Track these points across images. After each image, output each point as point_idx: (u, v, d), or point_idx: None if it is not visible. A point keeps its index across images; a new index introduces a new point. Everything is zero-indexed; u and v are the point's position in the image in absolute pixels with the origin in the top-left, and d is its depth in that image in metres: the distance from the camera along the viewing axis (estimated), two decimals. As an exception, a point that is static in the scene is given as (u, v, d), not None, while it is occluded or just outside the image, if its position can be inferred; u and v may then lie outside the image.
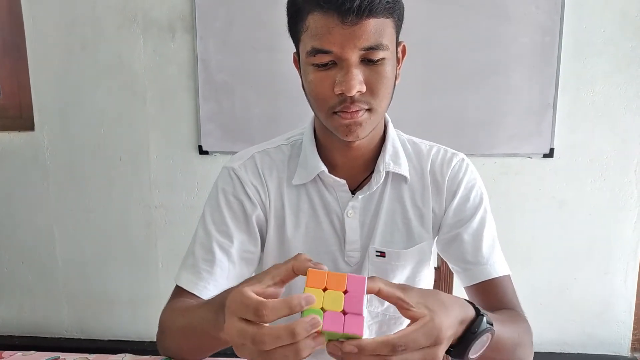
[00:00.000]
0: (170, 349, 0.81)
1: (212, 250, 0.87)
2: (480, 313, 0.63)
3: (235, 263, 0.88)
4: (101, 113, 2.15)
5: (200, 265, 0.86)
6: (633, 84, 1.98)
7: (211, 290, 0.85)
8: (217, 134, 2.11)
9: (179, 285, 0.86)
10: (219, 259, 0.86)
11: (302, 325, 0.48)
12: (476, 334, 0.61)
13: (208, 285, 0.85)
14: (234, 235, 0.88)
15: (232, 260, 0.88)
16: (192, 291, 0.84)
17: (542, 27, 1.94)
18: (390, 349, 0.51)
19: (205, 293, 0.84)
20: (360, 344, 0.50)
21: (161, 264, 2.26)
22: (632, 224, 2.10)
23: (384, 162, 0.89)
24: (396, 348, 0.51)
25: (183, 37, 2.06)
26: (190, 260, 0.88)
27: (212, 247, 0.87)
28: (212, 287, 0.85)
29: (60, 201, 2.25)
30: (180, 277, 0.87)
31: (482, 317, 0.62)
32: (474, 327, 0.62)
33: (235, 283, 0.89)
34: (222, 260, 0.87)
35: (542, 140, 2.03)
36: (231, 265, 0.88)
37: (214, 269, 0.86)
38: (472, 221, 0.90)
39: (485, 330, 0.62)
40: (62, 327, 2.37)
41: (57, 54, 2.12)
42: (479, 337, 0.61)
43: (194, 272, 0.86)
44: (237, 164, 0.92)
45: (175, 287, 0.87)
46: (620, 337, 2.19)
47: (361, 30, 0.72)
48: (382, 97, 0.78)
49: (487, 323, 0.63)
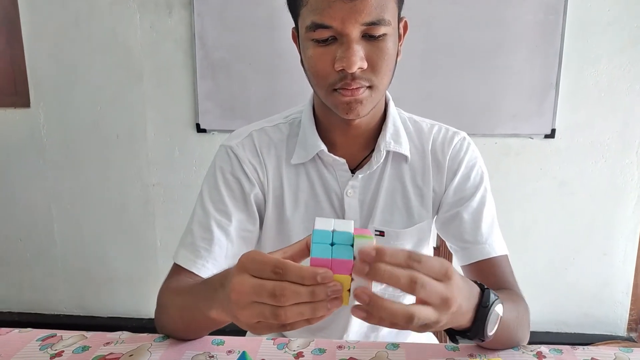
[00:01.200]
0: (167, 326, 0.80)
1: (210, 228, 0.86)
2: (485, 288, 0.63)
3: (234, 242, 0.87)
4: (97, 90, 2.12)
5: (199, 244, 0.85)
6: (637, 64, 1.96)
7: (209, 268, 0.84)
8: (215, 112, 2.08)
9: (177, 263, 0.85)
10: (217, 238, 0.85)
11: (323, 290, 0.49)
12: (489, 307, 0.61)
13: (206, 264, 0.84)
14: (232, 214, 0.87)
15: (231, 238, 0.87)
16: (191, 269, 0.84)
17: (546, 5, 1.90)
18: (407, 255, 0.52)
19: (204, 271, 0.84)
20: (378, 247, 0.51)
21: (159, 242, 2.26)
22: (632, 206, 2.09)
23: (385, 141, 0.88)
24: (412, 258, 0.52)
25: (180, 13, 2.02)
26: (189, 238, 0.87)
27: (211, 226, 0.86)
28: (211, 266, 0.84)
29: (58, 179, 2.23)
30: (178, 255, 0.86)
31: (488, 291, 0.63)
32: (484, 301, 0.62)
33: (234, 262, 0.88)
34: (221, 239, 0.86)
35: (543, 120, 2.01)
36: (229, 243, 0.87)
37: (213, 247, 0.85)
38: (472, 200, 0.90)
39: (495, 302, 0.63)
40: (61, 304, 2.38)
41: (51, 29, 2.08)
42: (492, 310, 0.62)
43: (192, 250, 0.85)
44: (235, 142, 0.91)
45: (173, 265, 0.87)
46: (617, 317, 2.21)
47: (362, 4, 0.70)
48: (384, 74, 0.77)
49: (494, 295, 0.63)
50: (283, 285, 0.49)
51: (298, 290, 0.49)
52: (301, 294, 0.49)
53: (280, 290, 0.49)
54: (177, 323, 0.78)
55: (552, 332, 2.22)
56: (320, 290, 0.49)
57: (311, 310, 0.50)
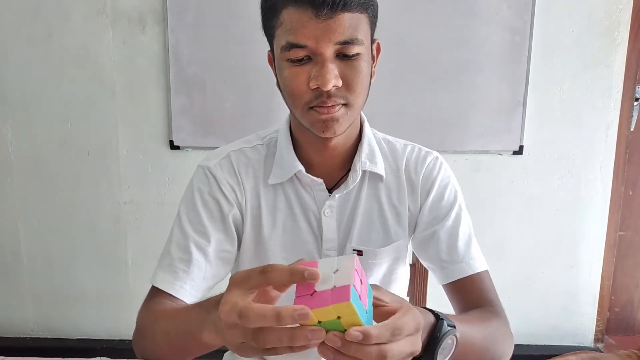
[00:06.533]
0: (149, 351, 0.79)
1: (188, 249, 0.85)
2: (440, 318, 0.64)
3: (212, 262, 0.87)
4: (68, 106, 2.09)
5: (177, 265, 0.85)
6: (599, 83, 2.04)
7: (188, 290, 0.83)
8: (189, 129, 2.07)
9: (155, 285, 0.84)
10: (196, 259, 0.85)
11: (289, 312, 0.45)
12: (439, 338, 0.62)
13: (185, 285, 0.83)
14: (210, 235, 0.87)
15: (209, 259, 0.86)
16: (169, 291, 0.83)
17: (513, 26, 1.97)
18: (391, 332, 0.50)
19: (182, 293, 0.83)
20: (365, 330, 0.47)
21: (131, 261, 2.22)
22: (597, 219, 2.16)
23: (360, 161, 0.89)
24: (395, 332, 0.50)
25: (154, 29, 2.01)
26: (167, 260, 0.86)
27: (189, 247, 0.86)
28: (189, 287, 0.84)
29: (26, 197, 2.18)
30: (156, 278, 0.85)
31: (442, 321, 0.63)
32: (436, 332, 0.63)
33: (212, 283, 0.88)
34: (199, 260, 0.85)
35: (512, 137, 2.07)
36: (208, 264, 0.86)
37: (191, 268, 0.84)
38: (447, 219, 0.91)
39: (447, 333, 0.63)
40: (28, 327, 2.31)
41: (21, 43, 2.04)
42: (442, 341, 0.62)
43: (170, 271, 0.84)
44: (213, 163, 0.91)
45: (151, 288, 0.85)
46: (584, 328, 2.26)
47: (336, 24, 0.72)
48: (359, 92, 0.78)
49: (448, 326, 0.64)
50: (249, 306, 0.48)
51: (264, 311, 0.47)
52: (266, 316, 0.47)
53: (246, 311, 0.48)
54: (162, 348, 0.76)
55: (523, 345, 2.25)
56: (286, 312, 0.46)
57: (288, 338, 0.47)
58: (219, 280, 0.90)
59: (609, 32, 2.00)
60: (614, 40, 2.01)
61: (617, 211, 2.17)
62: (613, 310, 2.29)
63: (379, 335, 0.48)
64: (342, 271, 0.49)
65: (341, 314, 0.47)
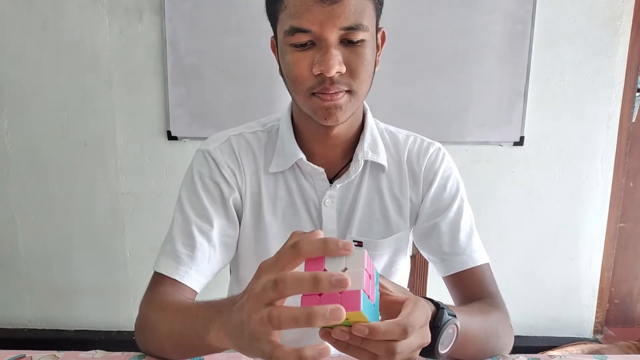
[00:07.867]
0: (152, 343, 0.76)
1: (192, 234, 0.84)
2: (441, 307, 0.63)
3: (216, 247, 0.85)
4: (64, 96, 2.06)
5: (180, 250, 0.83)
6: (601, 73, 2.02)
7: (193, 275, 0.82)
8: (187, 119, 2.05)
9: (159, 272, 0.82)
10: (199, 243, 0.83)
11: (327, 276, 0.44)
12: (440, 328, 0.61)
13: (190, 270, 0.82)
14: (213, 219, 0.85)
15: (213, 244, 0.85)
16: (173, 277, 0.81)
17: (514, 16, 1.95)
18: (402, 330, 0.49)
19: (187, 278, 0.81)
20: (370, 326, 0.47)
21: (129, 252, 2.21)
22: (597, 211, 2.16)
23: (363, 151, 0.88)
24: (407, 329, 0.49)
25: (151, 19, 1.99)
26: (169, 246, 0.84)
27: (192, 231, 0.84)
28: (194, 272, 0.82)
29: (22, 188, 2.16)
30: (159, 264, 0.83)
31: (443, 310, 0.62)
32: (437, 321, 0.62)
33: (217, 268, 0.87)
34: (203, 244, 0.84)
35: (512, 128, 2.05)
36: (212, 249, 0.85)
37: (195, 253, 0.83)
38: (449, 211, 0.90)
39: (448, 322, 0.62)
40: (25, 318, 2.30)
41: (17, 33, 2.01)
42: (443, 330, 0.61)
43: (173, 257, 0.83)
44: (213, 147, 0.89)
45: (153, 275, 0.83)
46: (584, 320, 2.26)
47: (341, 8, 0.70)
48: (362, 79, 0.77)
49: (448, 315, 0.63)
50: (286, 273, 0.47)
51: (302, 277, 0.45)
52: (304, 284, 0.45)
53: (282, 275, 0.46)
54: (164, 342, 0.73)
55: (522, 336, 2.25)
56: (324, 276, 0.44)
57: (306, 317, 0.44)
58: (223, 266, 0.89)
59: (611, 22, 1.98)
60: (616, 30, 1.99)
61: (617, 203, 2.16)
62: (613, 302, 2.29)
63: (386, 331, 0.48)
64: (352, 270, 0.47)
65: (351, 319, 0.47)
